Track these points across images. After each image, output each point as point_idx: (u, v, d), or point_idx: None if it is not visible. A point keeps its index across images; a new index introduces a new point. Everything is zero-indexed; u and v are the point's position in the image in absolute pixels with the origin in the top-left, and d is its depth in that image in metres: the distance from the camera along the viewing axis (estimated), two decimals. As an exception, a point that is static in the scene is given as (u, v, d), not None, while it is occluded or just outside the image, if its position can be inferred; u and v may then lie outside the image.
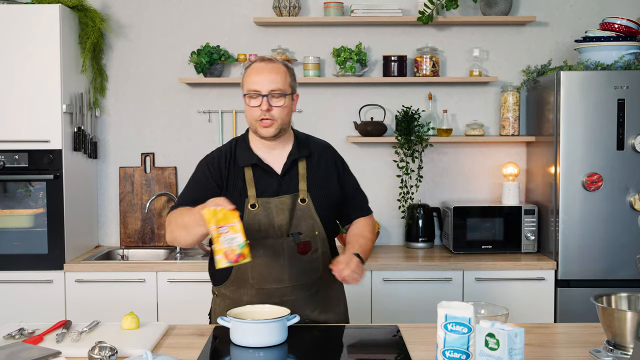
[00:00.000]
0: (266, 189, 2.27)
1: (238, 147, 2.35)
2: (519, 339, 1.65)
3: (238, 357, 1.99)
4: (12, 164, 3.51)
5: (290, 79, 2.29)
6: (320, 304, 2.34)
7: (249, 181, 2.27)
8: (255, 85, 2.23)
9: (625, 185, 3.42)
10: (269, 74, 2.23)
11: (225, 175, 2.29)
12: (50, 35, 3.47)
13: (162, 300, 3.49)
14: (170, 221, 2.25)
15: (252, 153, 2.31)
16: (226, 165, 2.30)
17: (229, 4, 4.02)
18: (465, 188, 4.06)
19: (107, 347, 1.85)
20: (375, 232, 2.52)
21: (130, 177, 4.04)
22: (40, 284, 3.49)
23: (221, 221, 1.96)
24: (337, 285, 2.41)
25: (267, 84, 2.22)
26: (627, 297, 2.03)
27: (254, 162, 2.29)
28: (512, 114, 3.88)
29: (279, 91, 2.23)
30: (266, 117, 2.23)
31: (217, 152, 2.37)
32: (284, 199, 2.26)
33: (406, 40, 4.01)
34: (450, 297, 3.41)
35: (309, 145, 2.39)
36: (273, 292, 2.28)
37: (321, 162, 2.37)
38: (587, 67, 3.50)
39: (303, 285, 2.30)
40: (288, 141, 2.35)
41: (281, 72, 2.26)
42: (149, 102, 4.06)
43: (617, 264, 3.43)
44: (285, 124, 2.28)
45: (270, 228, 2.25)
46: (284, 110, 2.25)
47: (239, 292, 2.32)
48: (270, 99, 2.22)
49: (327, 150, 2.44)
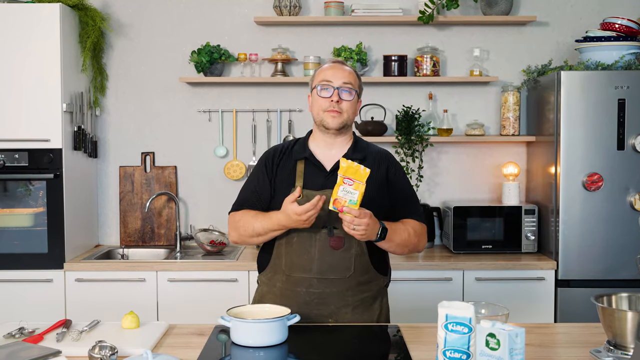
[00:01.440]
0: (314, 183, 2.33)
1: (298, 143, 2.45)
2: (520, 339, 1.65)
3: (238, 356, 1.99)
4: (12, 163, 3.51)
5: (359, 82, 2.41)
6: (349, 303, 2.32)
7: (299, 173, 2.35)
8: (328, 76, 2.35)
9: (625, 185, 3.42)
10: (343, 71, 2.36)
11: (277, 166, 2.40)
12: (51, 34, 3.47)
13: (162, 300, 3.49)
14: (237, 225, 2.38)
15: (307, 148, 2.40)
16: (280, 157, 2.41)
17: (230, 4, 4.02)
18: (466, 188, 4.06)
19: (107, 347, 1.85)
20: (420, 238, 2.41)
21: (131, 176, 4.03)
22: (40, 283, 3.49)
23: (351, 174, 2.11)
24: (375, 288, 2.40)
25: (340, 77, 2.34)
26: (627, 297, 2.03)
27: (306, 157, 2.37)
28: (512, 114, 3.88)
29: (350, 85, 2.34)
30: (335, 108, 2.32)
31: (277, 145, 2.50)
32: (328, 192, 2.25)
33: (407, 40, 4.01)
34: (450, 296, 3.41)
35: (366, 149, 2.42)
36: (300, 280, 2.31)
37: (373, 167, 2.35)
38: (587, 67, 3.49)
39: (331, 280, 2.30)
40: (346, 143, 2.41)
41: (352, 73, 2.39)
42: (149, 101, 4.06)
43: (617, 264, 3.43)
44: (350, 120, 2.36)
45: None
46: (352, 106, 2.35)
47: (274, 278, 2.38)
48: (341, 93, 2.32)
49: (382, 157, 2.44)
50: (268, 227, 2.29)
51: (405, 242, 2.35)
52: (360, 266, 2.32)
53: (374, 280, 2.39)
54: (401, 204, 2.41)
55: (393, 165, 2.45)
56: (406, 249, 2.38)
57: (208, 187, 4.06)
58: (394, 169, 2.44)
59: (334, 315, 2.31)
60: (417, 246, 2.41)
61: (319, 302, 2.29)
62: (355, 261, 2.32)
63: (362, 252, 2.33)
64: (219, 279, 3.48)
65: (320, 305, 2.29)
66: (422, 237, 2.43)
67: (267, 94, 4.03)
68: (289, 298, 2.32)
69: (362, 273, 2.34)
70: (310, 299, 2.30)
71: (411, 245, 2.38)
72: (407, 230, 2.35)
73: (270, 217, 2.28)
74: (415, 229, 2.38)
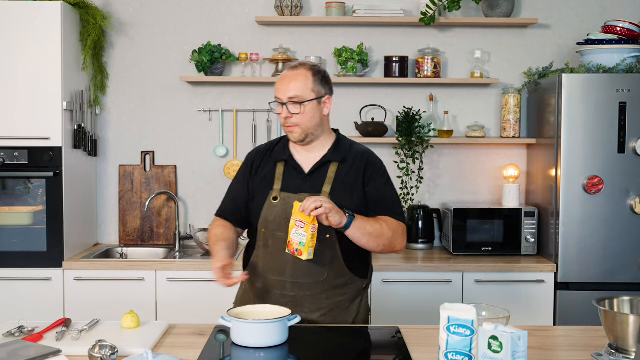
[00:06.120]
0: (291, 186, 2.34)
1: (280, 143, 2.46)
2: (523, 342, 1.64)
3: (238, 357, 1.98)
4: (12, 160, 3.50)
5: (315, 83, 2.33)
6: (323, 306, 2.32)
7: (277, 175, 2.37)
8: (277, 93, 2.34)
9: (626, 189, 3.42)
10: (289, 81, 2.31)
11: (257, 166, 2.43)
12: (52, 32, 3.46)
13: (161, 299, 3.48)
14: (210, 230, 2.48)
15: (287, 150, 2.41)
16: (261, 158, 2.44)
17: (231, 3, 4.01)
18: (466, 190, 4.05)
19: (107, 346, 1.85)
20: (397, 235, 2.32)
21: (130, 175, 4.03)
22: (39, 281, 3.48)
23: (301, 217, 2.14)
24: (352, 291, 2.38)
25: (286, 91, 2.30)
26: (629, 300, 2.03)
27: (285, 159, 2.38)
28: (513, 116, 3.88)
29: (297, 99, 2.29)
30: (288, 124, 2.32)
31: (260, 146, 2.53)
32: (304, 196, 2.25)
33: (408, 41, 4.01)
34: (450, 298, 3.41)
35: (346, 150, 2.40)
36: (274, 283, 2.33)
37: (352, 168, 2.36)
38: (588, 70, 3.49)
39: (305, 284, 2.30)
40: (326, 144, 2.40)
41: (301, 79, 2.31)
42: (149, 100, 4.05)
43: (616, 267, 3.43)
44: (310, 129, 2.33)
45: (283, 221, 2.29)
46: (305, 116, 2.31)
47: (253, 279, 2.41)
48: (289, 107, 2.30)
49: (360, 156, 2.40)
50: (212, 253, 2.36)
51: (378, 234, 2.27)
52: (334, 270, 2.31)
53: (351, 284, 2.37)
54: (377, 205, 2.35)
55: (371, 166, 2.39)
56: (381, 243, 2.29)
57: (208, 186, 4.05)
58: (371, 170, 2.38)
59: (307, 317, 2.30)
60: (393, 242, 2.31)
61: (293, 305, 2.27)
62: (329, 266, 2.31)
63: (336, 256, 2.31)
64: (218, 279, 3.47)
65: (294, 308, 2.26)
66: (399, 235, 2.33)
67: (268, 94, 4.02)
68: (265, 300, 2.34)
69: (336, 277, 2.33)
70: (285, 301, 2.30)
71: (386, 240, 2.29)
72: (379, 223, 2.29)
73: (214, 252, 2.33)
74: (389, 223, 2.31)
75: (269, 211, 2.34)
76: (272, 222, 2.32)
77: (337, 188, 2.32)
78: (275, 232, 2.32)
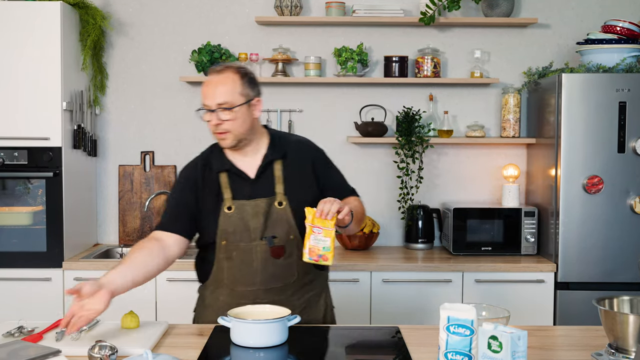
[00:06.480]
0: (241, 193, 2.28)
1: (214, 152, 2.36)
2: (522, 342, 1.64)
3: (238, 357, 1.98)
4: (12, 161, 3.49)
5: (243, 86, 2.23)
6: (296, 306, 2.31)
7: (224, 185, 2.29)
8: (205, 99, 2.23)
9: (625, 188, 3.42)
10: (216, 86, 2.21)
11: (201, 182, 2.31)
12: (51, 33, 3.46)
13: (160, 299, 3.48)
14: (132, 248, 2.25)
15: (225, 159, 2.32)
16: (202, 172, 2.32)
17: (231, 3, 4.01)
18: (466, 189, 4.05)
19: (107, 346, 1.84)
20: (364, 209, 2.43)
21: (130, 175, 4.03)
22: (38, 282, 3.48)
23: (319, 222, 2.10)
24: (318, 285, 2.40)
25: (214, 97, 2.20)
26: (629, 300, 2.02)
27: (227, 168, 2.30)
28: (512, 116, 3.87)
29: (226, 104, 2.19)
30: (219, 131, 2.23)
31: (194, 160, 2.39)
32: (259, 202, 2.25)
33: (407, 41, 4.00)
34: (450, 298, 3.41)
35: (284, 145, 2.35)
36: (246, 294, 2.27)
37: (298, 162, 2.33)
38: (588, 70, 3.49)
39: (276, 289, 2.29)
40: (261, 144, 2.33)
41: (228, 83, 2.21)
42: (149, 100, 4.05)
43: (616, 267, 3.43)
44: (242, 134, 2.25)
45: (244, 231, 2.25)
46: (236, 122, 2.21)
47: (216, 292, 2.34)
48: (219, 113, 2.20)
49: (303, 148, 2.38)
50: None
51: (361, 216, 2.36)
52: (302, 269, 2.31)
53: (316, 278, 2.39)
54: (336, 191, 2.35)
55: (317, 157, 2.39)
56: (361, 224, 2.39)
57: (207, 186, 4.05)
58: (318, 162, 2.38)
59: None
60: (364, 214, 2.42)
61: None
62: (297, 265, 2.30)
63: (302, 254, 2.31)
64: (218, 279, 3.47)
65: None
66: (362, 205, 2.42)
67: (268, 94, 4.00)
68: None
69: (304, 274, 2.33)
70: None
71: (363, 218, 2.39)
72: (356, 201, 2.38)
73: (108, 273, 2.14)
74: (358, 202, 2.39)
75: (226, 222, 2.26)
76: (232, 233, 2.26)
77: (290, 185, 2.29)
78: (238, 243, 2.26)
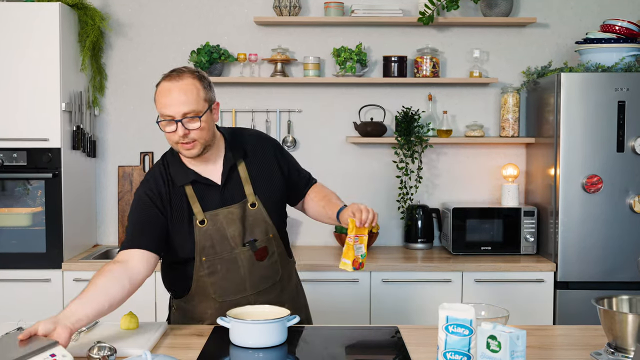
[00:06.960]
0: (211, 203, 2.20)
1: (171, 165, 2.23)
2: (521, 342, 1.64)
3: (237, 357, 1.98)
4: (11, 162, 3.49)
5: (204, 91, 2.12)
6: (284, 301, 2.30)
7: (191, 197, 2.19)
8: (166, 109, 2.08)
9: (625, 188, 3.42)
10: (179, 95, 2.07)
11: (167, 198, 2.18)
12: (50, 34, 3.46)
13: (160, 300, 3.48)
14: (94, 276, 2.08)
15: (187, 170, 2.21)
16: (165, 187, 2.19)
17: (230, 4, 4.01)
18: (465, 189, 4.05)
19: (106, 347, 1.84)
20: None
21: (129, 176, 4.03)
22: (38, 282, 3.48)
23: (356, 232, 2.12)
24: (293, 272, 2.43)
25: (179, 107, 2.06)
26: (628, 299, 2.03)
27: (193, 179, 2.20)
28: (512, 116, 3.87)
29: (193, 113, 2.07)
30: (185, 141, 2.10)
31: (151, 176, 2.22)
32: (232, 208, 2.21)
33: (406, 41, 4.00)
34: (449, 298, 3.41)
35: (241, 143, 2.29)
36: (237, 302, 2.22)
37: (260, 158, 2.30)
38: (587, 69, 3.49)
39: (266, 290, 2.28)
40: (219, 148, 2.25)
41: (191, 90, 2.09)
42: (148, 101, 4.03)
43: (616, 266, 3.43)
44: (208, 141, 2.15)
45: (223, 241, 2.20)
46: (203, 130, 2.11)
47: (201, 306, 2.27)
48: (186, 123, 2.07)
49: (260, 142, 2.34)
50: None
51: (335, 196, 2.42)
52: (282, 264, 2.33)
53: (291, 268, 2.42)
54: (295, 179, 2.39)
55: (274, 148, 2.37)
56: None
57: (207, 187, 4.05)
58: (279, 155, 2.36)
59: None
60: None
61: None
62: (281, 261, 2.32)
63: (281, 250, 2.32)
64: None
65: None
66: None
67: (267, 95, 4.02)
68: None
69: (283, 266, 2.33)
70: None
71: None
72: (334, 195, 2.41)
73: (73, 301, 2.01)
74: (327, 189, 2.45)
75: (202, 237, 2.18)
76: (211, 246, 2.19)
77: (258, 184, 2.26)
78: (221, 255, 2.21)
